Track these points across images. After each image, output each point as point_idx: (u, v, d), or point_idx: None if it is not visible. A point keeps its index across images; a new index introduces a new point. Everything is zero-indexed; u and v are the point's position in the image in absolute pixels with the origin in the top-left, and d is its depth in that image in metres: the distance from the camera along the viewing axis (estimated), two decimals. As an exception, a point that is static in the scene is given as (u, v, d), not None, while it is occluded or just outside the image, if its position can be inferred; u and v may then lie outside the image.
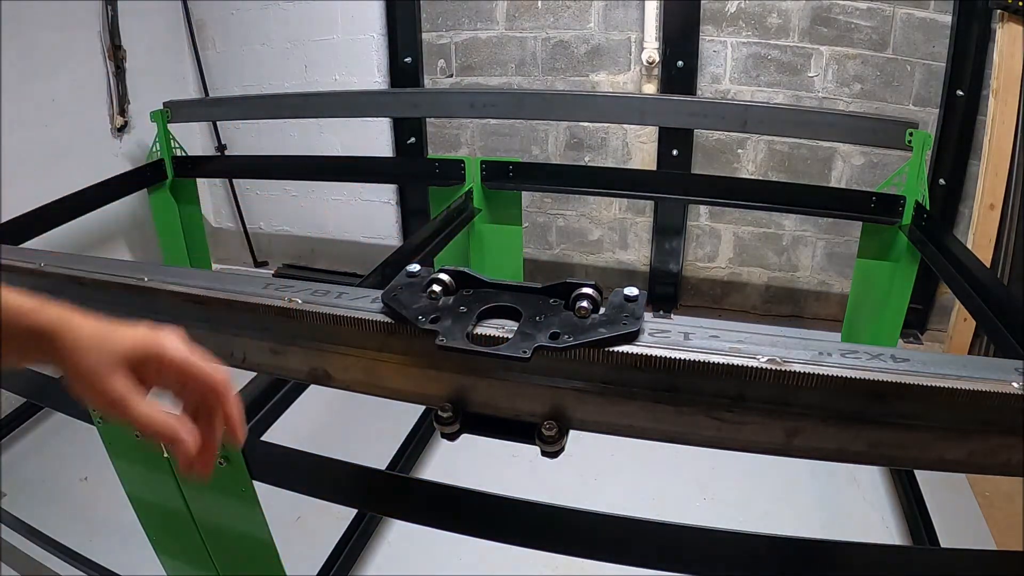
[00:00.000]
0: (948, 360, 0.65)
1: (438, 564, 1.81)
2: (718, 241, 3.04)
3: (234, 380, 1.07)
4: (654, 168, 2.91)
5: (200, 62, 3.32)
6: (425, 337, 0.69)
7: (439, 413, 0.73)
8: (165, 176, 2.77)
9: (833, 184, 2.78)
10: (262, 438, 1.23)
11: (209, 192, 3.63)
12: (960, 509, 1.96)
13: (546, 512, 1.04)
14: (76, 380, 0.53)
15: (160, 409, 0.54)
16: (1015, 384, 0.61)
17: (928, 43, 2.53)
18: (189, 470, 0.54)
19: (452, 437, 0.75)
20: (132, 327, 0.55)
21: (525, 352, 0.65)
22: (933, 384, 0.61)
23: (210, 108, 2.98)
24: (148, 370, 0.54)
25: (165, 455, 1.04)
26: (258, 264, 3.71)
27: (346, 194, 3.41)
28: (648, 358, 0.65)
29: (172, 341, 0.55)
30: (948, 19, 2.47)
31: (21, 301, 0.54)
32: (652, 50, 2.72)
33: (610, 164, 2.98)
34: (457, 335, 0.67)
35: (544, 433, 0.71)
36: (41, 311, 0.53)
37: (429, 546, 1.84)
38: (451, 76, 3.04)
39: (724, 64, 2.73)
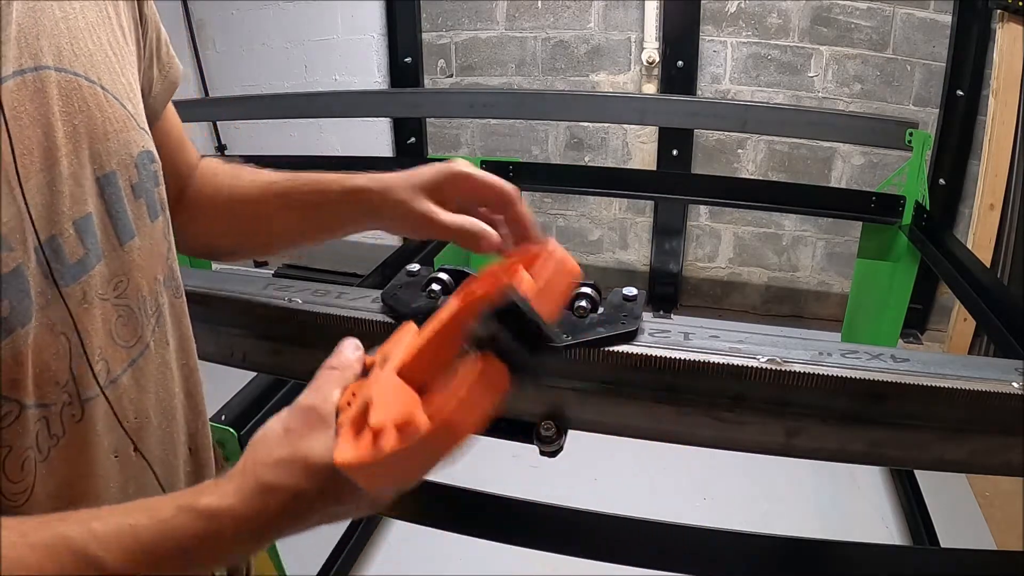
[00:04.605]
0: (948, 360, 0.65)
1: (438, 564, 1.81)
2: (718, 241, 3.04)
3: (234, 380, 1.08)
4: (654, 168, 2.91)
5: (200, 62, 3.32)
6: (425, 337, 0.69)
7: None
8: (165, 176, 2.77)
9: (833, 184, 2.78)
10: (262, 438, 1.22)
11: (209, 192, 3.63)
12: (960, 509, 1.95)
13: (546, 512, 1.04)
14: (390, 215, 0.62)
15: (462, 215, 0.61)
16: (1015, 384, 0.61)
17: (928, 43, 2.53)
18: (497, 249, 0.59)
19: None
20: (427, 165, 0.63)
21: None
22: (933, 384, 0.61)
23: (210, 108, 2.98)
24: (447, 191, 0.61)
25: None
26: (258, 264, 3.71)
27: (346, 194, 3.41)
28: (648, 358, 0.65)
29: (462, 163, 0.62)
30: (948, 19, 2.47)
31: (330, 175, 0.66)
32: (652, 50, 2.72)
33: (610, 164, 2.98)
34: (456, 334, 0.68)
35: (542, 433, 0.71)
36: (351, 177, 0.65)
37: (429, 546, 1.84)
38: (451, 76, 3.04)
39: (724, 64, 2.73)
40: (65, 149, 0.43)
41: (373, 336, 0.74)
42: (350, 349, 0.52)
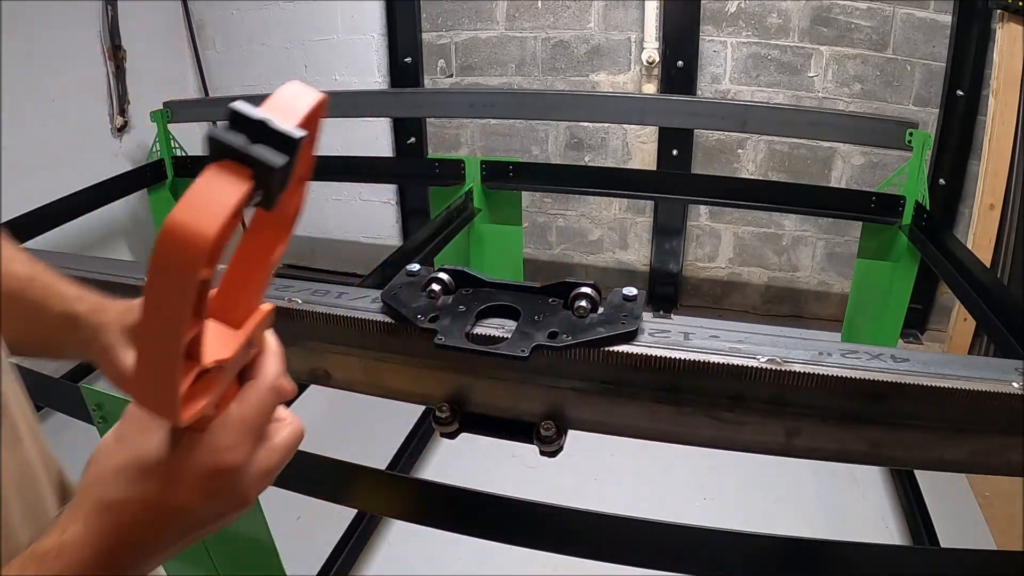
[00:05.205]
0: (948, 360, 0.65)
1: (438, 564, 1.81)
2: (718, 241, 3.04)
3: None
4: (654, 168, 2.91)
5: (200, 62, 3.32)
6: (424, 336, 0.69)
7: (437, 413, 0.73)
8: (165, 176, 2.77)
9: (833, 184, 2.77)
10: (262, 438, 1.22)
11: (209, 192, 3.63)
12: (960, 509, 1.95)
13: (546, 512, 1.04)
14: (96, 358, 0.51)
15: None
16: (1015, 384, 0.61)
17: (928, 43, 2.53)
18: None
19: (451, 436, 0.76)
20: None
21: (523, 351, 0.65)
22: (933, 384, 0.61)
23: (210, 108, 2.98)
24: None
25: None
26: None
27: (346, 194, 3.40)
28: (648, 358, 0.65)
29: None
30: (948, 19, 2.47)
31: (64, 288, 0.53)
32: (652, 50, 2.72)
33: (610, 164, 2.97)
34: (455, 334, 0.68)
35: (542, 433, 0.71)
36: (76, 301, 0.52)
37: (429, 546, 1.84)
38: (451, 76, 3.04)
39: (724, 64, 2.73)
40: None
41: (374, 336, 0.74)
42: None
